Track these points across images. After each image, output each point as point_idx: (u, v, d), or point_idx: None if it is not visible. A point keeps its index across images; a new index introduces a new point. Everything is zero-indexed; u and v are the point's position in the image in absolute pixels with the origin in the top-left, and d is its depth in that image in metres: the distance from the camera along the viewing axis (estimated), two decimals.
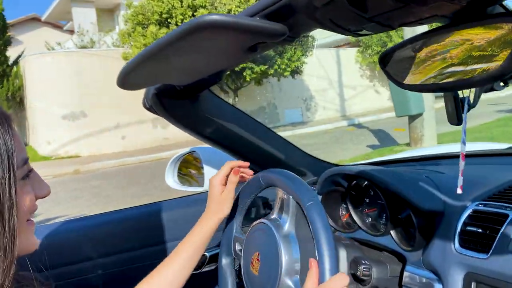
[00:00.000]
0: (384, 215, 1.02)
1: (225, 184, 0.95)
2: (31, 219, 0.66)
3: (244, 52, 0.70)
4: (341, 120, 13.31)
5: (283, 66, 11.09)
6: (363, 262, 0.88)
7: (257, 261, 0.87)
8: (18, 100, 11.75)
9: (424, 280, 0.85)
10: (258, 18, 0.63)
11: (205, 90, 1.06)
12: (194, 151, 1.48)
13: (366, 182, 1.05)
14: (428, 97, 6.32)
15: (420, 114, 6.51)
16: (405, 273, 0.90)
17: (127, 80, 0.86)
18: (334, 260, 0.71)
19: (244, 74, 10.55)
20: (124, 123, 11.36)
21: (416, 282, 0.87)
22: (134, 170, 8.78)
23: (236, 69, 10.30)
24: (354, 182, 1.07)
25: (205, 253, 1.22)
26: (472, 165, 1.10)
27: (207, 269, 1.26)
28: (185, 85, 0.94)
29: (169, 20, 9.79)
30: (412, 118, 6.64)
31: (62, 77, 10.83)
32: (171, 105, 1.04)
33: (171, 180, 1.56)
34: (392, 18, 0.55)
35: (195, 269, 0.95)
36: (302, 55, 11.53)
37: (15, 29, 15.71)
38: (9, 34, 11.94)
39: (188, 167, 1.56)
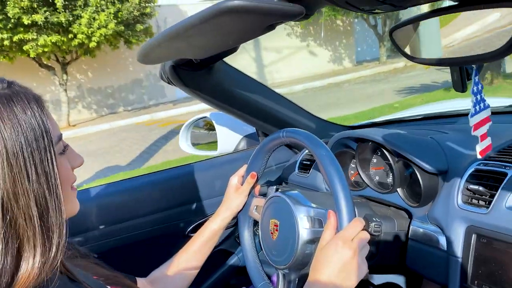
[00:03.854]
0: (391, 174, 1.09)
1: (241, 183, 1.09)
2: (74, 186, 0.73)
3: (261, 30, 0.74)
4: None
5: (80, 36, 8.83)
6: (374, 219, 0.96)
7: (274, 227, 0.95)
8: None
9: (429, 233, 0.93)
10: (276, 0, 0.67)
11: (219, 61, 1.10)
12: (207, 116, 1.54)
13: (374, 144, 1.12)
14: None
15: None
16: (412, 227, 0.99)
17: (148, 56, 0.91)
18: (351, 208, 0.78)
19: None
20: None
21: (422, 235, 0.95)
22: None
23: (63, 38, 8.77)
24: (363, 143, 1.14)
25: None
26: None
27: None
28: (202, 58, 0.98)
29: None
30: None
31: None
32: (187, 76, 1.09)
33: (185, 144, 1.63)
34: (406, 0, 0.59)
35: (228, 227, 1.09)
36: (121, 18, 9.14)
37: None
38: None
39: (202, 132, 1.62)
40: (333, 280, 0.73)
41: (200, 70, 1.09)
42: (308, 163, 1.35)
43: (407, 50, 0.73)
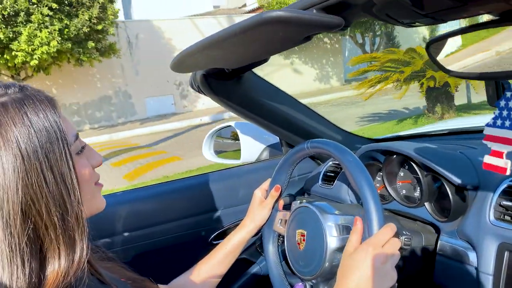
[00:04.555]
0: (419, 187, 1.08)
1: (265, 197, 1.10)
2: (99, 182, 0.73)
3: (299, 41, 0.75)
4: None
5: (20, 54, 8.56)
6: (404, 232, 0.95)
7: (301, 237, 0.95)
8: None
9: (458, 249, 0.92)
10: (314, 11, 0.68)
11: (248, 71, 1.12)
12: (231, 125, 1.55)
13: (402, 157, 1.11)
14: None
15: None
16: (440, 243, 0.97)
17: (182, 64, 0.93)
18: (381, 214, 0.77)
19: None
20: None
21: (450, 251, 0.94)
22: None
23: (6, 56, 8.58)
24: (390, 156, 1.13)
25: None
26: None
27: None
28: (234, 68, 0.99)
29: None
30: None
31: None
32: (217, 86, 1.10)
33: (208, 152, 1.64)
34: (447, 14, 0.59)
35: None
36: (67, 35, 8.88)
37: None
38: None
39: (225, 141, 1.63)
40: (362, 287, 0.72)
41: (230, 79, 1.11)
42: (332, 174, 1.35)
43: (445, 63, 0.73)
